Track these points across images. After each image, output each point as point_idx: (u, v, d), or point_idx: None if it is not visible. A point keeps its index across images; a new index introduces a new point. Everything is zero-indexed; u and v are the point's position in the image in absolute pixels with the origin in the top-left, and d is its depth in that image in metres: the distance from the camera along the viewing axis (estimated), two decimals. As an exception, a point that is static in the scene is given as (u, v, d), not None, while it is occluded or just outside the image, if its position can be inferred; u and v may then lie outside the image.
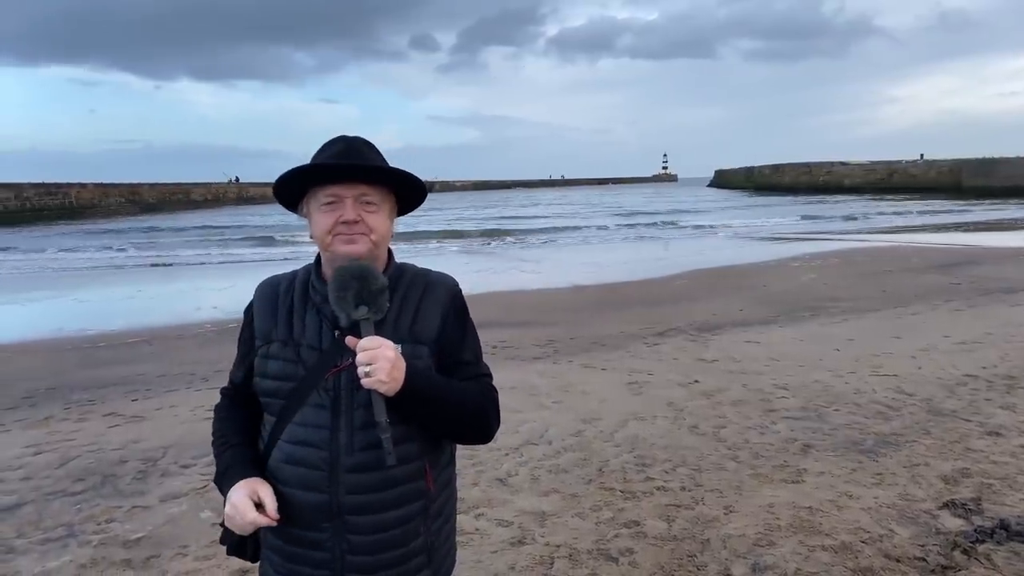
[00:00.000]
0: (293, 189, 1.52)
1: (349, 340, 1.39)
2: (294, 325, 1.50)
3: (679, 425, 5.15)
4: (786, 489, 4.02)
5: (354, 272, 1.40)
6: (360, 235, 1.46)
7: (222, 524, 1.61)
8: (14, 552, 3.53)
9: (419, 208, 1.64)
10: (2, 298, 13.91)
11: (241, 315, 1.62)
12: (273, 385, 1.49)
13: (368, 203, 1.47)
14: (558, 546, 3.44)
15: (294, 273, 1.60)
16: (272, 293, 1.57)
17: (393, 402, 1.37)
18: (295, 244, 25.05)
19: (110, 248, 25.70)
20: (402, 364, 1.38)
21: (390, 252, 1.59)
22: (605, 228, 32.58)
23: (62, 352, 8.48)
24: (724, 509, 3.79)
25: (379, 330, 1.42)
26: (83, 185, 55.06)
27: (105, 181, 59.00)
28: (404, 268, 1.60)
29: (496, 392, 1.60)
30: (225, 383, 1.67)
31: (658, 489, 4.07)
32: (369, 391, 1.36)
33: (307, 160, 1.51)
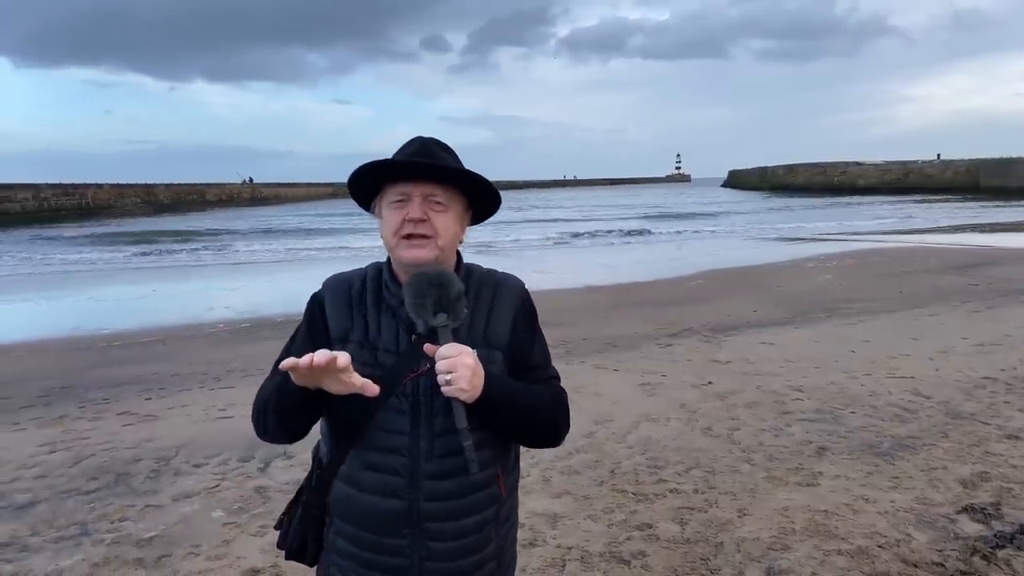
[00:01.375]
0: (367, 186, 1.51)
1: (428, 348, 1.37)
2: (369, 326, 1.48)
3: (692, 427, 5.11)
4: (801, 492, 3.97)
5: (432, 279, 1.39)
6: (425, 239, 1.44)
7: (277, 526, 1.61)
8: (28, 550, 3.55)
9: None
10: (21, 297, 14.07)
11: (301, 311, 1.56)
12: None
13: (436, 203, 1.45)
14: (570, 548, 3.42)
15: (363, 271, 1.57)
16: (345, 290, 1.53)
17: (471, 409, 1.36)
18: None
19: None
20: (481, 371, 1.36)
21: (459, 255, 1.57)
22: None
23: (77, 351, 8.55)
24: (738, 512, 3.74)
25: (455, 335, 1.40)
26: (99, 186, 55.63)
27: (121, 181, 59.59)
28: (472, 269, 1.58)
29: (566, 395, 1.59)
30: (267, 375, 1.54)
31: (671, 491, 4.03)
32: (448, 397, 1.34)
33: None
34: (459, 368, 1.32)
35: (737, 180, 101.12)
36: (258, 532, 3.66)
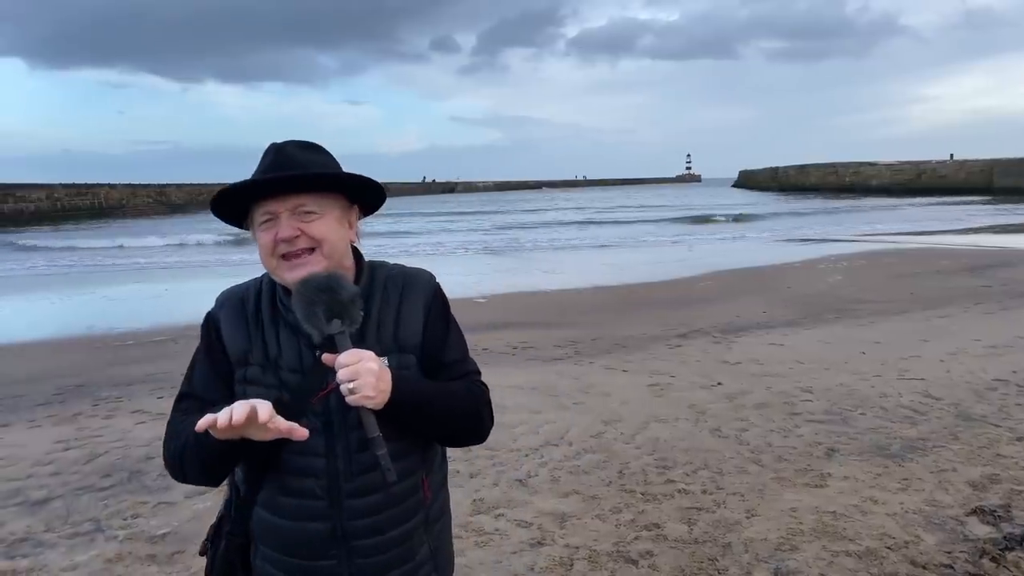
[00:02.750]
0: (232, 210, 1.41)
1: (326, 358, 1.28)
2: (268, 346, 1.39)
3: (701, 428, 5.12)
4: (809, 493, 3.97)
5: (320, 284, 1.28)
6: (309, 254, 1.35)
7: (202, 552, 1.53)
8: (43, 546, 3.60)
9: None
10: (37, 295, 14.22)
11: None
12: None
13: (307, 213, 1.35)
14: (577, 548, 3.43)
15: (257, 283, 1.48)
16: (239, 308, 1.44)
17: (383, 414, 1.28)
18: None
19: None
20: (387, 374, 1.29)
21: (359, 255, 1.48)
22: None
23: (91, 350, 8.64)
24: (746, 513, 3.75)
25: (361, 341, 1.33)
26: (112, 186, 56.08)
27: (134, 181, 60.06)
28: (376, 268, 1.49)
29: (487, 389, 1.52)
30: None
31: (679, 492, 4.04)
32: (358, 409, 1.26)
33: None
34: (362, 375, 1.24)
35: (748, 180, 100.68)
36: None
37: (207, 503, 4.05)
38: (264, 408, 1.20)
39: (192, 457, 1.35)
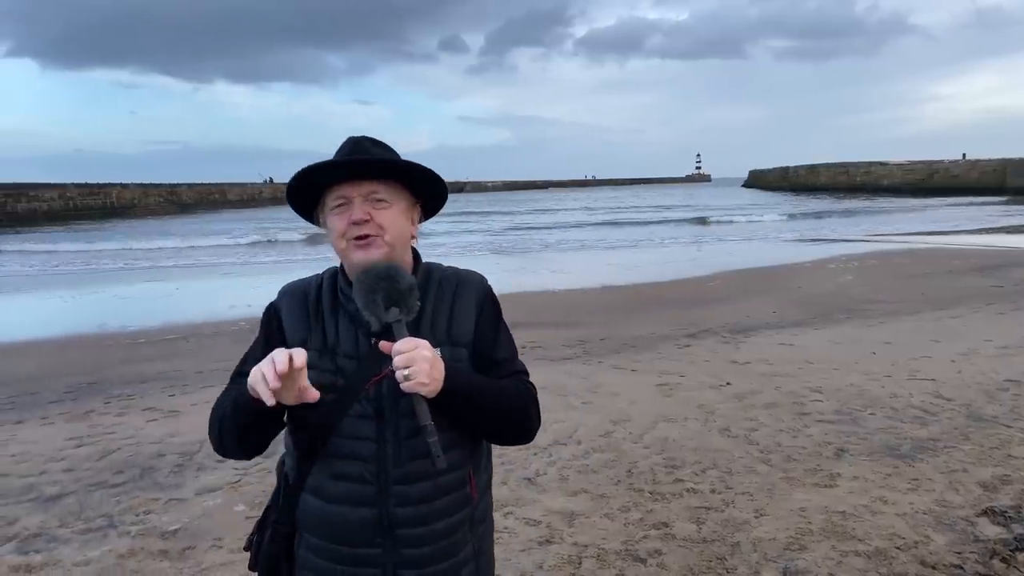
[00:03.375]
0: (307, 197, 1.47)
1: (383, 345, 1.33)
2: (327, 333, 1.44)
3: (710, 427, 5.11)
4: (819, 493, 3.96)
5: (380, 273, 1.34)
6: (373, 238, 1.40)
7: (246, 547, 1.55)
8: (57, 541, 3.64)
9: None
10: (50, 293, 14.35)
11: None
12: None
13: (378, 200, 1.41)
14: (586, 546, 3.44)
15: (319, 277, 1.54)
16: (301, 298, 1.49)
17: (434, 404, 1.31)
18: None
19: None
20: (441, 364, 1.32)
21: (417, 254, 1.53)
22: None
23: (103, 348, 8.71)
24: (755, 512, 3.75)
25: (415, 333, 1.35)
26: (124, 185, 56.49)
27: (145, 181, 60.47)
28: (432, 268, 1.54)
29: (535, 389, 1.55)
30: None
31: (688, 491, 4.04)
32: (411, 397, 1.29)
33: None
34: (417, 361, 1.27)
35: (758, 180, 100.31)
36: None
37: (217, 500, 4.09)
38: (299, 356, 1.24)
39: (230, 424, 1.40)
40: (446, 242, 25.38)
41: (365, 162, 1.41)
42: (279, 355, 1.23)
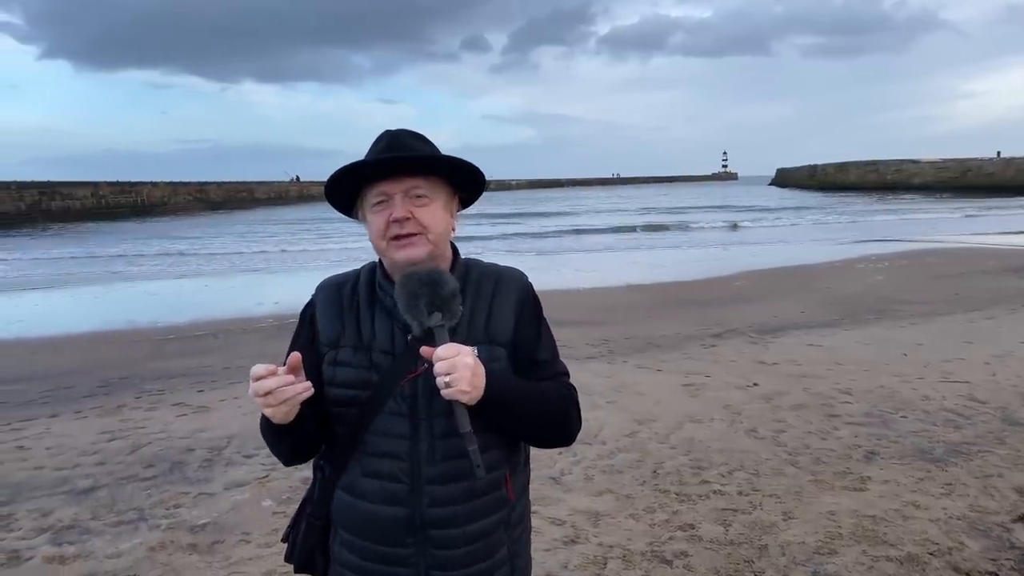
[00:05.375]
0: (345, 192, 1.45)
1: (424, 350, 1.29)
2: (363, 329, 1.42)
3: (736, 428, 5.05)
4: (848, 497, 3.90)
5: (423, 278, 1.32)
6: (415, 236, 1.37)
7: (284, 538, 1.56)
8: (90, 533, 3.71)
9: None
10: (88, 289, 14.64)
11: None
12: (346, 394, 1.40)
13: (419, 196, 1.38)
14: (611, 547, 3.42)
15: (356, 272, 1.52)
16: (336, 295, 1.47)
17: (475, 410, 1.29)
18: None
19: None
20: (482, 371, 1.29)
21: (455, 249, 1.50)
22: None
23: (135, 343, 8.86)
24: (783, 515, 3.70)
25: (453, 332, 1.34)
26: (154, 184, 57.47)
27: (175, 180, 61.45)
28: (471, 264, 1.51)
29: (576, 391, 1.52)
30: None
31: (714, 493, 4.00)
32: (449, 399, 1.27)
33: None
34: (458, 368, 1.24)
35: (785, 178, 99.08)
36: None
37: (245, 495, 4.14)
38: (293, 359, 1.27)
39: (268, 439, 1.41)
40: (480, 240, 25.42)
41: (407, 158, 1.38)
42: (256, 371, 1.24)
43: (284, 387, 1.24)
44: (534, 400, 1.41)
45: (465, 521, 1.39)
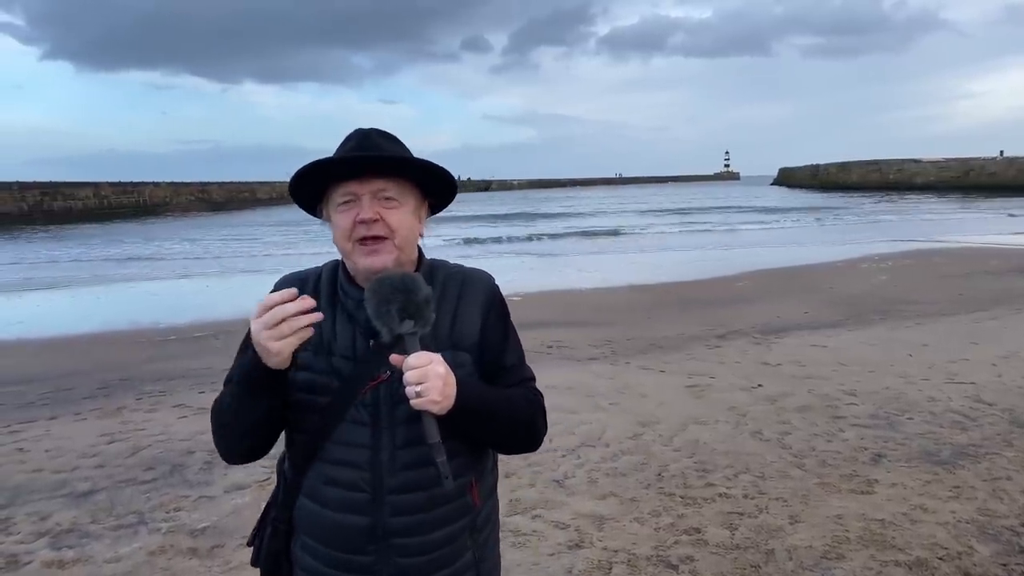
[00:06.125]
0: (311, 191, 1.40)
1: (394, 358, 1.25)
2: (323, 331, 1.35)
3: (741, 430, 5.01)
4: (855, 500, 3.85)
5: (396, 284, 1.26)
6: (382, 242, 1.33)
7: (249, 543, 1.53)
8: (89, 537, 3.67)
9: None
10: (86, 290, 14.62)
11: None
12: (305, 399, 1.36)
13: (387, 199, 1.34)
14: (616, 551, 3.38)
15: (317, 271, 1.48)
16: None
17: (443, 419, 1.25)
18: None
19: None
20: (453, 380, 1.26)
21: (420, 251, 1.46)
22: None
23: (135, 344, 8.84)
24: (789, 519, 3.65)
25: (422, 341, 1.30)
26: (156, 184, 57.50)
27: (176, 180, 61.50)
28: (436, 266, 1.48)
29: (542, 397, 1.50)
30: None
31: (720, 496, 3.95)
32: (413, 407, 1.23)
33: None
34: (430, 378, 1.21)
35: (788, 178, 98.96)
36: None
37: (246, 498, 4.10)
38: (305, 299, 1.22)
39: (231, 413, 1.35)
40: (479, 239, 25.38)
41: (377, 158, 1.34)
42: (277, 296, 1.21)
43: (300, 314, 1.20)
44: (502, 408, 1.38)
45: (429, 529, 1.37)
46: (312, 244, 26.38)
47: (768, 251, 19.45)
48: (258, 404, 1.33)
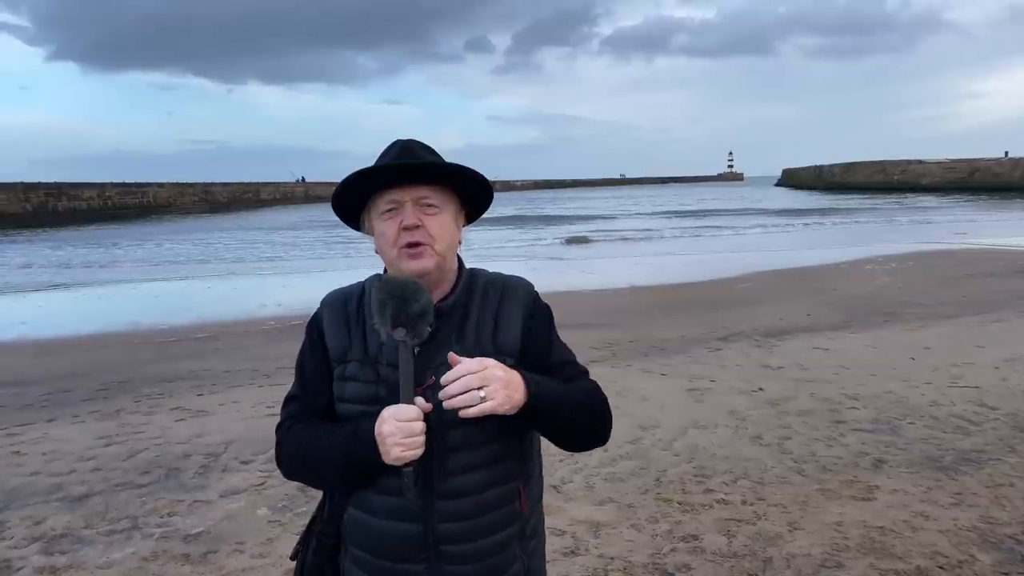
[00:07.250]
0: (352, 202, 1.44)
1: (451, 357, 1.27)
2: (369, 342, 1.40)
3: (741, 435, 4.97)
4: (856, 506, 3.81)
5: (395, 289, 1.30)
6: (424, 247, 1.36)
7: (293, 556, 1.55)
8: (82, 542, 3.65)
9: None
10: (89, 290, 14.63)
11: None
12: (354, 409, 1.38)
13: (428, 206, 1.37)
14: (612, 558, 3.34)
15: (361, 286, 1.50)
16: (342, 307, 1.46)
17: (516, 417, 1.28)
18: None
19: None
20: (518, 378, 1.27)
21: (460, 260, 1.49)
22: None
23: (136, 346, 8.83)
24: (788, 526, 3.61)
25: (461, 340, 1.35)
26: (160, 185, 57.66)
27: (181, 181, 61.64)
28: (476, 274, 1.50)
29: (600, 388, 1.49)
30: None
31: (718, 502, 3.91)
32: (452, 409, 1.25)
33: (369, 159, 1.44)
34: (492, 381, 1.22)
35: (792, 179, 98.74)
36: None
37: (241, 503, 4.08)
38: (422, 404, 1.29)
39: (330, 469, 1.39)
40: (483, 241, 25.33)
41: (419, 165, 1.38)
42: (406, 413, 1.26)
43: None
44: (575, 399, 1.40)
45: (478, 536, 1.37)
46: (313, 245, 26.41)
47: (770, 253, 19.38)
48: (350, 481, 1.39)
